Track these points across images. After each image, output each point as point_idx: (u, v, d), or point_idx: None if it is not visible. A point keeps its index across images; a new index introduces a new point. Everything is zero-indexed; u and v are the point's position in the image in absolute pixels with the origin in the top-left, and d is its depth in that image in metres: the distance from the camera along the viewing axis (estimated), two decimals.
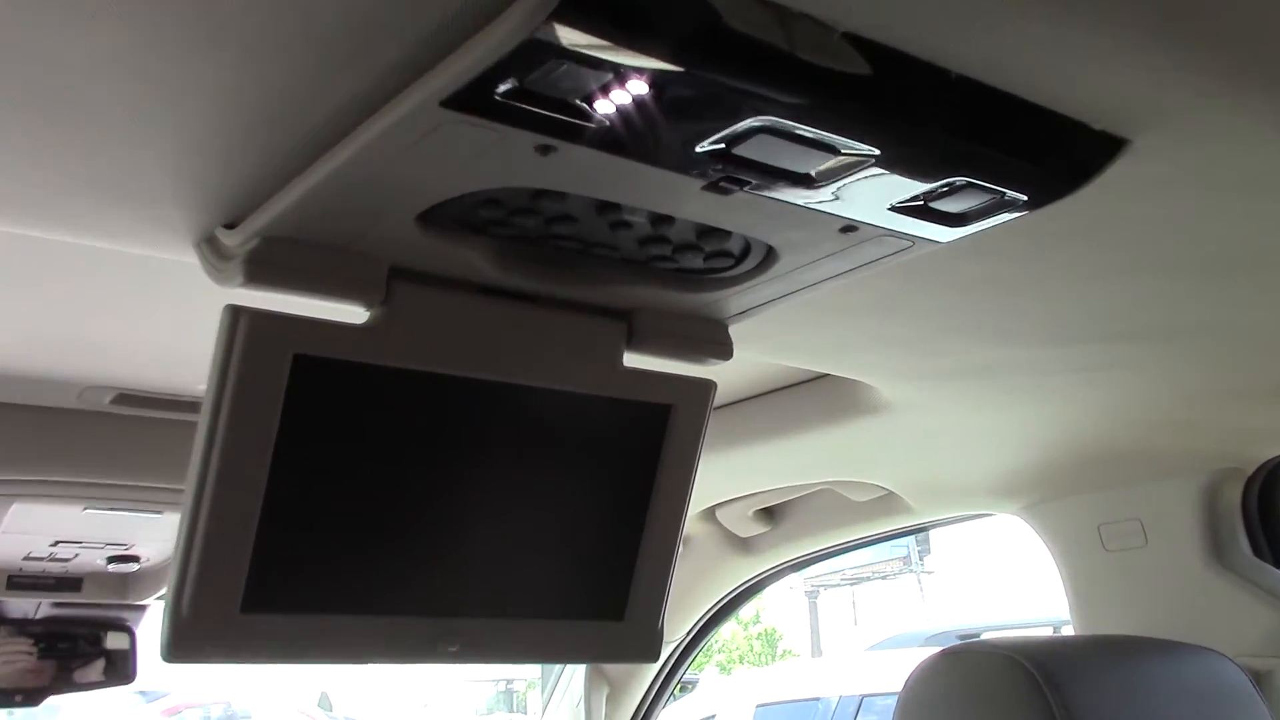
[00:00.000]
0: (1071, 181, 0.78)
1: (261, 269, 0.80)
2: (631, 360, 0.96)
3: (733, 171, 0.71)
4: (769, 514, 2.06)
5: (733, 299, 0.94)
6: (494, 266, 0.85)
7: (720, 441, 1.52)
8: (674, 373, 0.99)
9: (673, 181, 0.73)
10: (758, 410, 1.56)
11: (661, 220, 0.81)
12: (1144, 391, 1.25)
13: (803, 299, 0.97)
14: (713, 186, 0.73)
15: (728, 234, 0.83)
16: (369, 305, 0.84)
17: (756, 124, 0.67)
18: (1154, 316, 1.05)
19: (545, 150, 0.68)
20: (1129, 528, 1.56)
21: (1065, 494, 1.61)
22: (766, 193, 0.74)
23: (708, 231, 0.83)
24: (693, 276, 0.91)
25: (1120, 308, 1.03)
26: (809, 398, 1.48)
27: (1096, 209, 0.84)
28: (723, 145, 0.69)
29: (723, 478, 1.76)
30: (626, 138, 0.67)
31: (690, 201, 0.76)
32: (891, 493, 1.77)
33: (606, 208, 0.79)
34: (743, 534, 2.10)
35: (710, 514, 2.05)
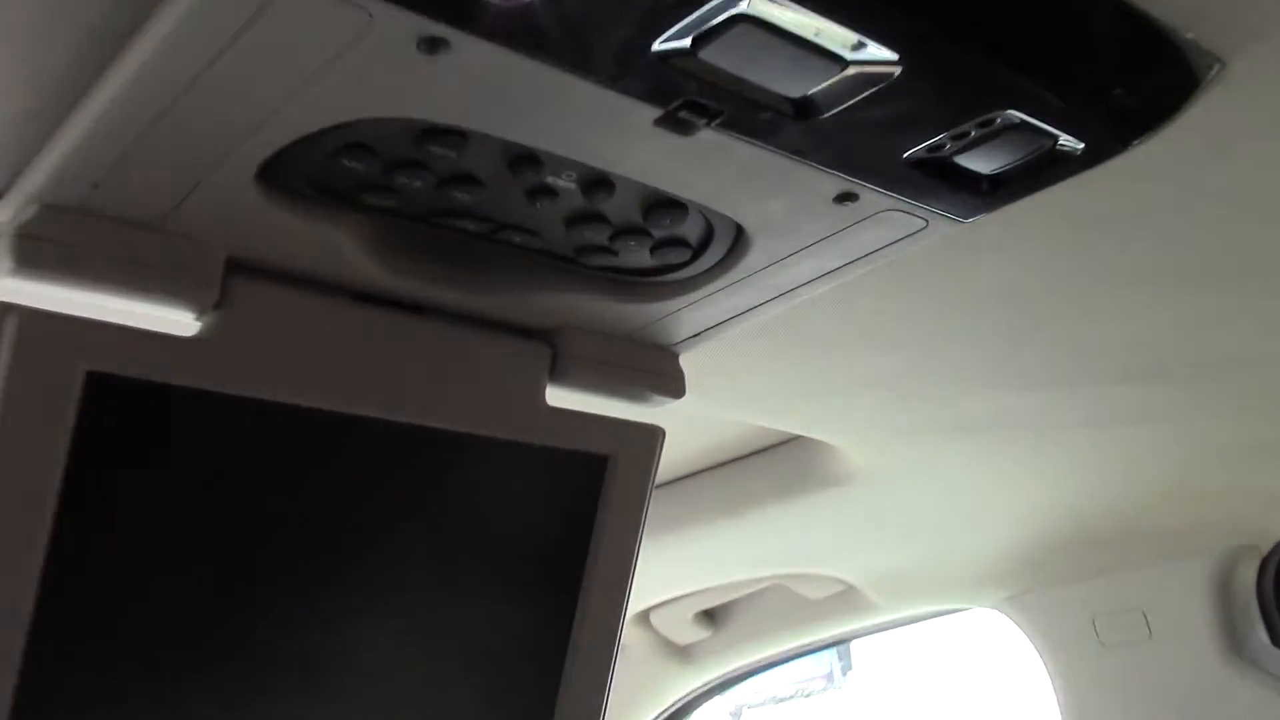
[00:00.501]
0: (1141, 124, 0.58)
1: (38, 251, 0.57)
2: (557, 397, 0.75)
3: (699, 95, 0.51)
4: (710, 616, 1.82)
5: (685, 314, 0.73)
6: (370, 258, 0.63)
7: (655, 529, 1.29)
8: (610, 415, 0.77)
9: (615, 110, 0.52)
10: (699, 489, 1.34)
11: (597, 187, 0.60)
12: (1166, 449, 1.06)
13: (765, 323, 0.77)
14: (670, 119, 0.52)
15: (683, 211, 0.62)
16: (199, 309, 0.61)
17: (738, 7, 0.47)
18: (1200, 344, 0.86)
19: (433, 46, 0.47)
20: (1129, 619, 1.36)
21: (1056, 582, 1.40)
22: (742, 132, 0.54)
23: (658, 207, 0.62)
24: (635, 280, 0.70)
25: (1160, 332, 0.84)
26: (760, 471, 1.26)
27: (1156, 176, 0.65)
28: (688, 43, 0.48)
29: (658, 573, 1.53)
30: (551, 26, 0.47)
31: (638, 146, 0.55)
32: (852, 587, 1.55)
33: (522, 163, 0.57)
34: (681, 640, 1.85)
35: (643, 618, 1.80)
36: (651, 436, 0.78)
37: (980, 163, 0.59)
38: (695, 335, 0.76)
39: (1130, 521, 1.24)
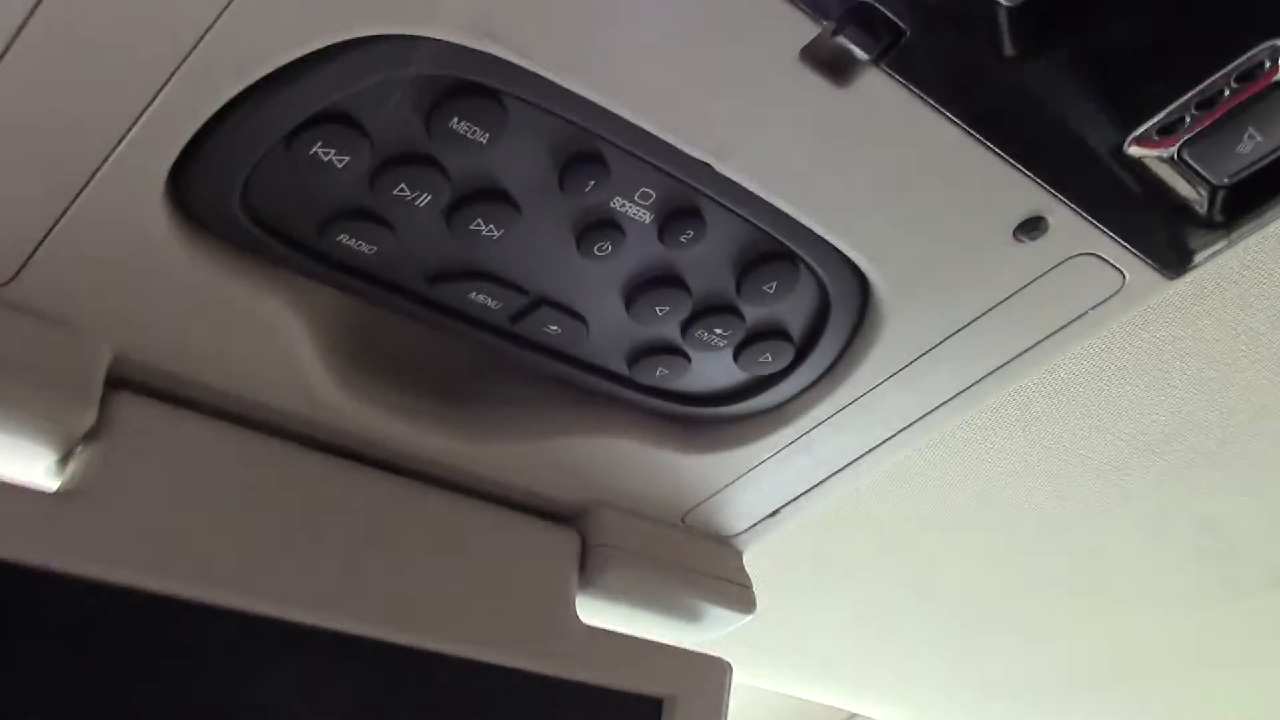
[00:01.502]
0: None
1: None
2: (591, 610, 0.51)
3: None
4: None
5: (765, 474, 0.52)
6: (328, 366, 0.42)
7: None
8: (663, 642, 0.54)
9: (747, 28, 0.33)
10: None
11: (681, 221, 0.40)
12: None
13: (845, 495, 0.56)
14: (822, 49, 0.34)
15: (792, 268, 0.43)
16: (62, 443, 0.38)
17: None
18: None
19: None
20: None
21: None
22: (920, 80, 0.36)
23: (760, 262, 0.43)
24: (705, 415, 0.49)
25: None
26: None
27: None
28: None
29: None
30: None
31: (767, 110, 0.36)
32: None
33: (581, 167, 0.38)
34: None
35: None
36: (719, 674, 0.54)
37: (1212, 160, 0.41)
38: (771, 514, 0.55)
39: None
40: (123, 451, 0.39)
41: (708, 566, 0.54)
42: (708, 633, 0.55)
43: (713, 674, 0.54)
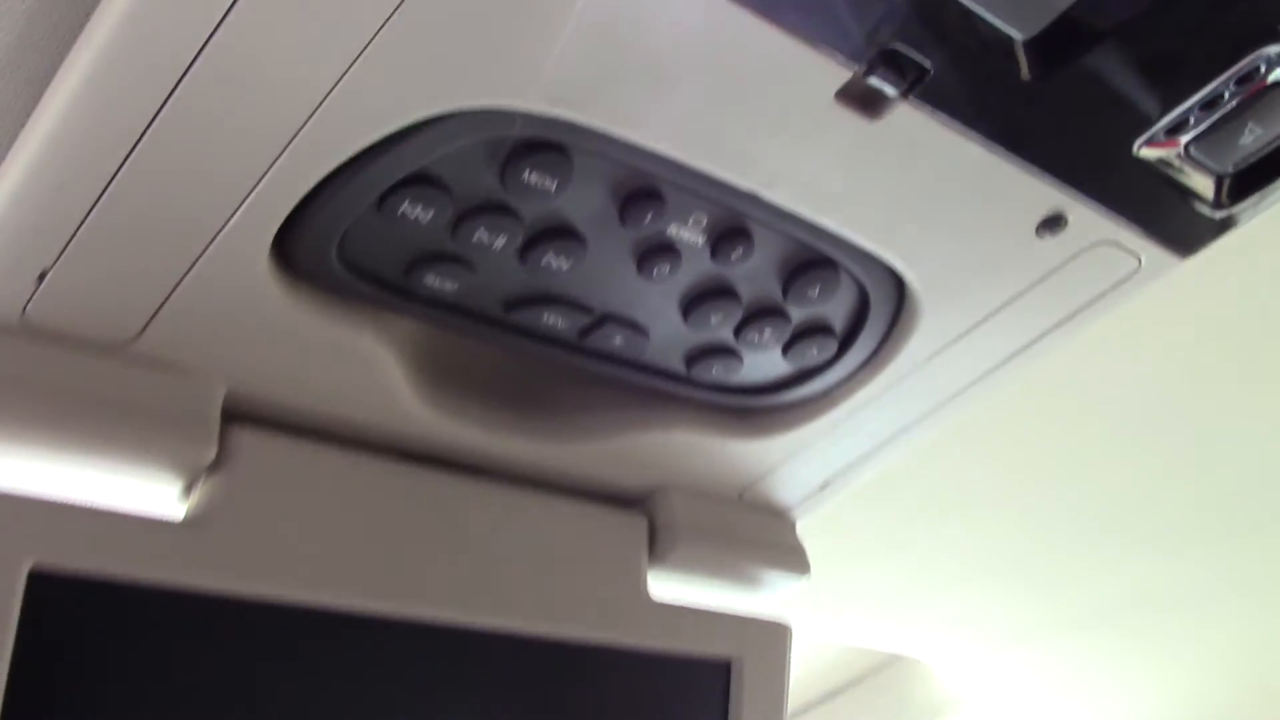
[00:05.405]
0: None
1: None
2: (661, 585, 0.56)
3: (902, 38, 0.36)
4: None
5: (814, 453, 0.56)
6: (417, 389, 0.47)
7: None
8: (726, 611, 0.58)
9: (791, 74, 0.37)
10: None
11: (732, 240, 0.44)
12: None
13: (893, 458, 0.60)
14: (856, 88, 0.38)
15: (834, 272, 0.47)
16: (189, 475, 0.43)
17: None
18: None
19: None
20: None
21: None
22: (948, 106, 0.39)
23: (804, 269, 0.47)
24: (758, 405, 0.53)
25: None
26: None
27: None
28: None
29: None
30: None
31: (806, 143, 0.39)
32: None
33: (639, 202, 0.42)
34: None
35: None
36: (781, 635, 0.59)
37: (1217, 153, 0.45)
38: (822, 487, 0.59)
39: None
40: (241, 479, 0.43)
41: (765, 537, 0.59)
42: (768, 597, 0.60)
43: (776, 635, 0.59)
